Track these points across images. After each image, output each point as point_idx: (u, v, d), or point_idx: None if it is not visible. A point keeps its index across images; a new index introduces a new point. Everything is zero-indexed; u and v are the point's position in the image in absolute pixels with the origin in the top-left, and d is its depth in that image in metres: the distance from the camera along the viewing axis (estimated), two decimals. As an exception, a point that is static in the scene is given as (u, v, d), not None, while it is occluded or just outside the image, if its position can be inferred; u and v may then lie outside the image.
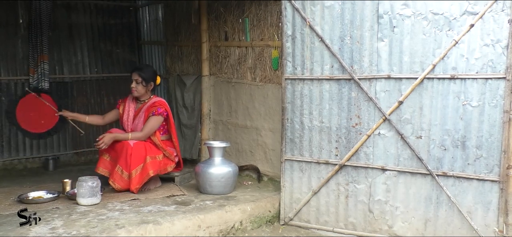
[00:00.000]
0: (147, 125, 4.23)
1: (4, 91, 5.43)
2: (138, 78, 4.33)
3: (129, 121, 4.39)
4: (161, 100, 4.41)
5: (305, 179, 3.90)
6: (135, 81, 4.34)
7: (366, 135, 3.60)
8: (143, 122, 4.30)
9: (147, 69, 4.43)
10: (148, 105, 4.34)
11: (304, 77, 3.82)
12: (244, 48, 4.90)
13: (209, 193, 4.14)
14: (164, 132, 4.41)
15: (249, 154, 4.94)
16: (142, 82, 4.34)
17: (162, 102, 4.39)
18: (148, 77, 4.36)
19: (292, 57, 3.88)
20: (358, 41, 3.57)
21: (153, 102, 4.34)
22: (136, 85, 4.34)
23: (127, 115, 4.41)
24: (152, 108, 4.28)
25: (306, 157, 3.88)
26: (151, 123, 4.23)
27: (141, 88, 4.35)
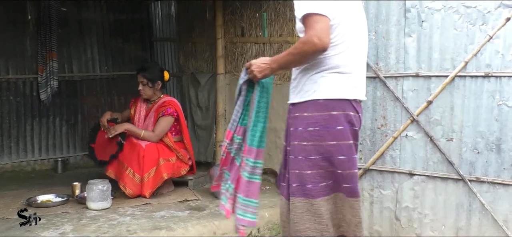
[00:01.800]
0: (157, 126, 4.27)
1: (13, 90, 5.53)
2: (143, 79, 4.36)
3: (140, 122, 4.44)
4: (171, 100, 4.45)
5: (326, 184, 3.88)
6: (141, 83, 4.38)
7: (392, 137, 3.57)
8: (153, 123, 4.34)
9: (152, 68, 4.45)
10: (157, 105, 4.38)
11: (325, 75, 3.81)
12: (262, 44, 4.91)
13: (225, 198, 4.16)
14: (176, 133, 4.44)
15: (266, 157, 4.93)
16: (148, 83, 4.36)
17: (172, 101, 4.42)
18: (154, 76, 4.38)
19: (313, 54, 3.86)
20: (383, 36, 3.55)
21: (162, 102, 4.38)
22: (142, 87, 4.38)
23: (138, 115, 4.47)
24: (162, 108, 4.32)
25: (328, 161, 3.86)
26: (162, 124, 4.27)
27: (148, 90, 4.38)
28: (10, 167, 5.51)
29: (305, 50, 2.11)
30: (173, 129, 4.40)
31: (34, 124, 5.69)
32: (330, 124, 2.19)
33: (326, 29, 2.10)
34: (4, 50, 5.46)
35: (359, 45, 2.32)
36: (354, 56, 2.27)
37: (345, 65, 2.23)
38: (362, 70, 2.36)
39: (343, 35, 2.22)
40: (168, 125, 4.30)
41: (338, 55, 2.21)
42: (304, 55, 2.15)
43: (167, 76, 4.52)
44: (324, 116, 2.20)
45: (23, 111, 5.61)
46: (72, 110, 5.95)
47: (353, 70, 2.27)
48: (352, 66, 2.27)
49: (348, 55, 2.24)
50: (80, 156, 6.00)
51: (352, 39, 2.26)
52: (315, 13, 2.09)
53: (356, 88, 2.30)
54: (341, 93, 2.22)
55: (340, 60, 2.22)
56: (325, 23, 2.10)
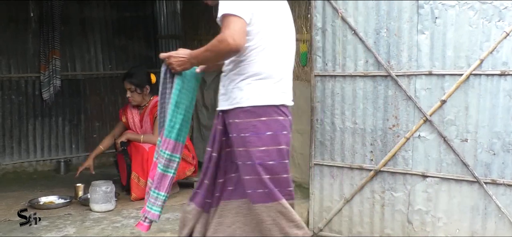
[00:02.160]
0: (156, 128, 4.27)
1: (14, 89, 5.57)
2: (130, 86, 4.35)
3: (136, 129, 4.45)
4: None
5: (336, 186, 3.88)
6: (129, 90, 4.36)
7: (404, 137, 3.55)
8: (151, 127, 4.34)
9: (138, 73, 4.42)
10: (150, 107, 4.39)
11: (335, 74, 3.80)
12: (270, 42, 4.90)
13: (231, 200, 4.15)
14: None
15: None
16: (137, 90, 4.35)
17: None
18: (141, 81, 4.35)
19: (322, 51, 3.86)
20: (395, 33, 3.53)
21: (155, 102, 4.38)
22: (131, 94, 4.36)
23: (132, 123, 4.46)
24: (156, 108, 4.32)
25: (338, 162, 3.86)
26: None
27: (137, 96, 4.37)
28: (12, 168, 5.55)
29: (221, 49, 2.22)
30: None
31: (36, 124, 5.72)
32: (260, 130, 2.27)
33: (241, 30, 2.19)
34: (6, 48, 5.50)
35: (285, 51, 2.40)
36: (280, 61, 2.36)
37: (270, 71, 2.31)
38: (289, 75, 2.44)
39: (266, 40, 2.31)
40: None
41: (262, 61, 2.30)
42: (219, 53, 2.26)
43: (154, 79, 4.47)
44: (253, 122, 2.28)
45: (25, 110, 5.65)
46: (75, 110, 5.98)
47: (280, 75, 2.35)
48: (279, 71, 2.35)
49: (273, 61, 2.32)
50: (83, 157, 6.02)
51: (277, 45, 2.35)
52: (232, 14, 2.19)
53: (285, 93, 2.38)
54: (268, 99, 2.30)
55: (265, 67, 2.30)
56: (240, 24, 2.19)
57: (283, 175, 2.39)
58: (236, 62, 2.35)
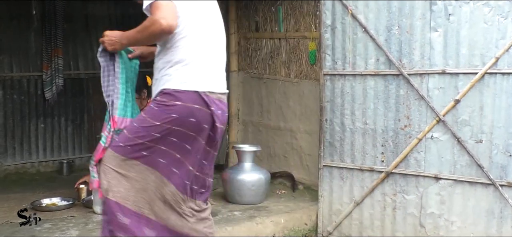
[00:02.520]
0: None
1: (16, 88, 5.60)
2: None
3: None
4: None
5: (346, 188, 3.87)
6: None
7: (416, 138, 3.54)
8: None
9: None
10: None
11: (345, 73, 3.80)
12: (277, 40, 4.90)
13: (238, 203, 4.17)
14: None
15: (282, 160, 4.93)
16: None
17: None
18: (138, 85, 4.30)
19: (332, 49, 3.85)
20: (407, 31, 3.52)
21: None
22: None
23: None
24: None
25: (348, 163, 3.85)
26: None
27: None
28: (14, 169, 5.58)
29: (152, 31, 2.31)
30: None
31: (38, 124, 5.75)
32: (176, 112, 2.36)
33: (172, 12, 2.31)
34: (7, 46, 5.52)
35: (212, 40, 2.51)
36: (206, 50, 2.46)
37: (194, 58, 2.40)
38: (218, 64, 2.55)
39: (191, 29, 2.40)
40: None
41: (187, 48, 2.40)
42: (151, 35, 2.35)
43: (150, 81, 4.48)
44: (166, 102, 2.38)
45: (27, 110, 5.67)
46: (78, 110, 6.00)
47: (204, 62, 2.44)
48: (203, 59, 2.44)
49: (198, 48, 2.42)
50: (86, 158, 6.04)
51: (203, 34, 2.45)
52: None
53: (210, 80, 2.46)
54: (189, 85, 2.38)
55: (188, 54, 2.40)
56: (171, 6, 2.31)
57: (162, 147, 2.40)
58: (164, 51, 2.45)
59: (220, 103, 2.52)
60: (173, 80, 2.39)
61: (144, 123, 2.41)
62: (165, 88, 2.40)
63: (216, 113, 2.46)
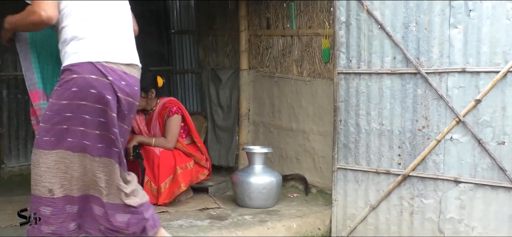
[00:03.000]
0: (168, 130, 4.25)
1: (20, 87, 5.65)
2: None
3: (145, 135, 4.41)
4: (171, 99, 4.47)
5: (361, 192, 3.86)
6: None
7: (435, 140, 3.52)
8: (160, 130, 4.33)
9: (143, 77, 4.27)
10: (158, 110, 4.36)
11: (360, 71, 3.78)
12: (289, 37, 4.90)
13: (248, 206, 4.17)
14: (186, 135, 4.44)
15: (294, 162, 4.92)
16: (141, 94, 4.27)
17: (172, 100, 4.44)
18: (146, 85, 4.25)
19: (346, 47, 3.84)
20: (425, 28, 3.50)
21: (163, 104, 4.36)
22: None
23: (138, 130, 4.40)
24: (164, 110, 4.31)
25: (363, 166, 3.83)
26: (172, 127, 4.26)
27: (142, 100, 4.22)
28: (18, 170, 5.63)
29: (31, 20, 2.60)
30: (182, 131, 4.39)
31: (43, 125, 5.79)
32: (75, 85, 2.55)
33: (52, 3, 2.57)
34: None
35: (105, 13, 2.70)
36: (97, 23, 2.65)
37: (86, 32, 2.61)
38: (115, 35, 2.73)
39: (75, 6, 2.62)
40: (178, 126, 4.29)
41: (76, 24, 2.61)
42: (30, 24, 2.64)
43: (160, 82, 4.42)
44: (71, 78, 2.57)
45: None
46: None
47: (98, 35, 2.63)
48: (96, 32, 2.63)
49: (88, 23, 2.62)
50: (92, 159, 6.08)
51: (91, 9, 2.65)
52: None
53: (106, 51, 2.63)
54: (82, 56, 2.58)
55: (80, 29, 2.61)
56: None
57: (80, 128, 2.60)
58: (59, 33, 2.66)
59: (124, 75, 2.69)
60: (69, 56, 2.61)
61: (54, 107, 2.61)
62: (63, 66, 2.61)
63: (116, 83, 2.61)
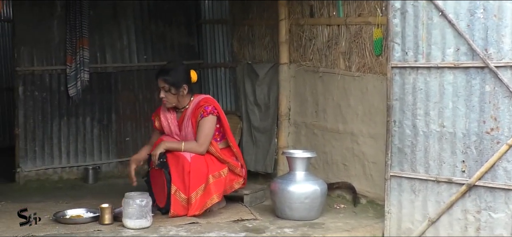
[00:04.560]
0: (200, 132, 4.29)
1: (37, 84, 5.80)
2: (165, 85, 4.34)
3: (174, 136, 4.46)
4: (207, 97, 4.51)
5: (418, 203, 3.82)
6: (162, 89, 4.35)
7: (506, 144, 3.45)
8: (193, 132, 4.37)
9: (175, 69, 4.42)
10: (192, 109, 4.40)
11: (418, 65, 3.75)
12: (336, 26, 4.88)
13: (289, 218, 4.18)
14: (221, 138, 4.48)
15: (341, 168, 4.91)
16: (171, 89, 4.34)
17: (208, 98, 4.48)
18: (178, 80, 4.34)
19: (402, 38, 3.81)
20: (495, 14, 3.44)
21: (197, 103, 4.40)
22: (165, 94, 4.35)
23: (168, 129, 4.45)
24: (199, 109, 4.34)
25: (421, 174, 3.79)
26: (205, 128, 4.30)
27: (172, 97, 4.34)
28: (35, 175, 5.79)
29: None
30: (217, 133, 4.43)
31: (61, 125, 5.93)
32: None
33: None
34: (28, 37, 5.73)
35: None
36: None
37: None
38: None
39: None
40: (212, 128, 4.33)
41: None
42: None
43: (194, 77, 4.48)
44: None
45: (49, 109, 5.86)
46: (105, 108, 6.16)
47: None
48: None
49: None
50: (114, 163, 6.20)
51: None
52: None
53: None
54: None
55: None
56: None
57: None
58: None
59: None
60: None
61: None
62: None
63: None
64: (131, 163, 4.48)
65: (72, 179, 5.90)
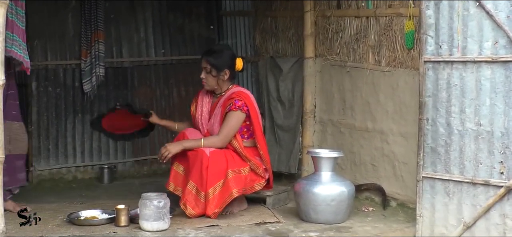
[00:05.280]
0: (224, 125, 4.34)
1: (51, 79, 5.86)
2: (206, 66, 4.47)
3: (204, 121, 4.56)
4: (241, 91, 4.53)
5: (453, 207, 3.78)
6: (204, 69, 4.49)
7: (550, 143, 3.41)
8: (219, 122, 4.42)
9: (220, 52, 4.56)
10: (225, 98, 4.46)
11: (452, 59, 3.71)
12: (365, 18, 4.86)
13: (314, 222, 4.17)
14: (248, 136, 4.49)
15: (370, 169, 4.89)
16: (212, 71, 4.46)
17: (242, 93, 4.49)
18: (220, 63, 4.46)
19: (435, 30, 3.78)
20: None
21: (230, 94, 4.46)
22: (205, 75, 4.49)
23: (200, 112, 4.60)
24: (229, 101, 4.39)
25: (455, 175, 3.76)
26: (229, 122, 4.35)
27: (211, 79, 4.49)
28: (48, 174, 5.85)
29: None
30: (245, 129, 4.46)
31: (76, 122, 5.99)
32: None
33: None
34: (41, 30, 5.79)
35: None
36: None
37: None
38: None
39: None
40: (237, 123, 4.37)
41: None
42: None
43: (240, 65, 4.58)
44: None
45: (64, 105, 5.92)
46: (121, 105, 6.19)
47: None
48: None
49: None
50: (131, 163, 6.25)
51: None
52: None
53: None
54: None
55: None
56: None
57: None
58: None
59: None
60: None
61: None
62: None
63: None
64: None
65: (87, 179, 5.96)
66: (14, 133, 4.43)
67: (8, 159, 3.99)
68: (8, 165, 4.03)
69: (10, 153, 4.17)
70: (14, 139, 4.41)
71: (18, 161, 4.56)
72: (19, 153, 4.54)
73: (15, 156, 4.45)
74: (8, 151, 3.87)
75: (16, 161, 4.52)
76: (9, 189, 4.29)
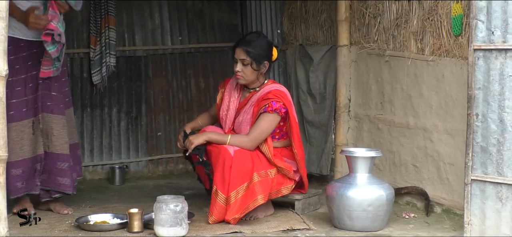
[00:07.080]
0: (256, 126, 4.31)
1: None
2: (245, 57, 4.35)
3: (229, 117, 4.52)
4: (279, 89, 4.45)
5: (506, 214, 3.76)
6: (241, 62, 4.38)
7: None
8: (250, 121, 4.40)
9: (258, 41, 4.45)
10: (259, 96, 4.41)
11: (507, 47, 3.68)
12: (406, 2, 4.84)
13: (349, 229, 4.18)
14: (280, 137, 4.49)
15: (411, 170, 4.87)
16: (252, 64, 4.36)
17: (280, 92, 4.42)
18: (260, 54, 4.39)
19: (487, 14, 3.75)
20: None
21: (266, 92, 4.40)
22: (242, 68, 4.38)
23: (226, 106, 4.54)
24: (264, 101, 4.35)
25: (509, 178, 3.73)
26: (263, 124, 4.32)
27: (251, 73, 4.38)
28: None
29: None
30: (277, 130, 4.44)
31: (84, 117, 6.07)
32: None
33: None
34: (47, 15, 5.87)
35: None
36: None
37: None
38: None
39: None
40: (271, 127, 4.34)
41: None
42: None
43: (275, 55, 4.53)
44: None
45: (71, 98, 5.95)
46: (134, 98, 6.27)
47: None
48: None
49: None
50: (144, 162, 6.29)
51: None
52: None
53: None
54: None
55: None
56: None
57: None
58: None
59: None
60: None
61: None
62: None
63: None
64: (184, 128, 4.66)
65: (96, 180, 6.03)
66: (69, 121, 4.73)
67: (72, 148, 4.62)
68: (73, 153, 4.62)
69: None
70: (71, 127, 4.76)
71: (78, 150, 4.88)
72: (75, 142, 4.82)
73: (73, 145, 4.75)
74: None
75: (77, 150, 4.84)
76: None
